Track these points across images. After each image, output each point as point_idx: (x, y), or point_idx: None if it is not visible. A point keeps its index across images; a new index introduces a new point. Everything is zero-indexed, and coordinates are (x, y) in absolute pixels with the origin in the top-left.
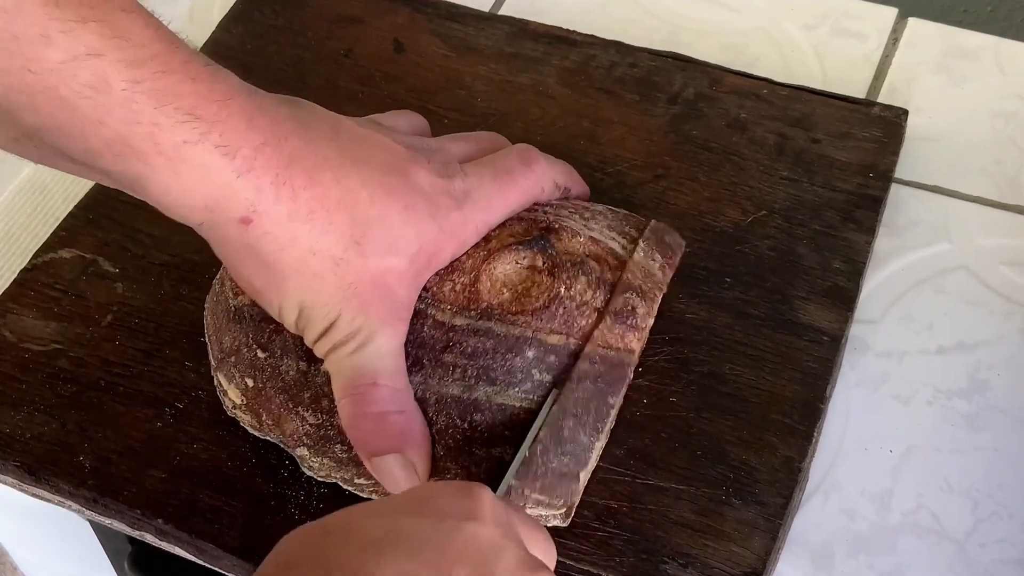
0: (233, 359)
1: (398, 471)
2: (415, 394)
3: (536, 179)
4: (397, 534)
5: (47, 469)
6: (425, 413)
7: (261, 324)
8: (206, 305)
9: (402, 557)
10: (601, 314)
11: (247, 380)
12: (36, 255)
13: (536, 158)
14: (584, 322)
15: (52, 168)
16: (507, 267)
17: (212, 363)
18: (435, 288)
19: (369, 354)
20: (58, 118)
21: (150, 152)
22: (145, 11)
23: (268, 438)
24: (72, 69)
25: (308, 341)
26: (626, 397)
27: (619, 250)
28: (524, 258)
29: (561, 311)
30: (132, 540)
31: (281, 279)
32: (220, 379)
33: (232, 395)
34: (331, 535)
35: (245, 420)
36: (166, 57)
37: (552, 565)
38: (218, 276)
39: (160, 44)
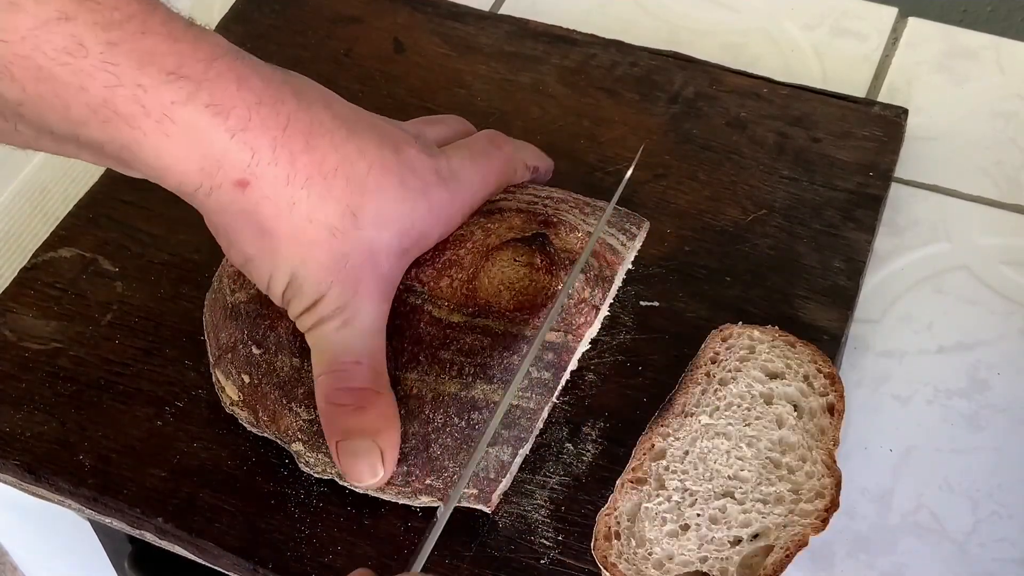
0: (230, 356)
1: (363, 458)
2: (411, 391)
3: (507, 159)
4: None
5: (47, 468)
6: (422, 411)
7: (256, 320)
8: (205, 302)
9: None
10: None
11: (244, 376)
12: (36, 254)
13: (506, 140)
14: (582, 319)
15: (38, 151)
16: (505, 264)
17: (210, 360)
18: (431, 283)
19: (355, 332)
20: (37, 88)
21: (137, 115)
22: None
23: (265, 435)
24: (45, 34)
25: (293, 314)
26: (627, 396)
27: (618, 246)
28: (522, 255)
29: (560, 309)
30: (132, 539)
31: (275, 245)
32: (218, 376)
33: (230, 391)
34: None
35: (242, 416)
36: (143, 18)
37: None
38: (217, 273)
39: (136, 6)
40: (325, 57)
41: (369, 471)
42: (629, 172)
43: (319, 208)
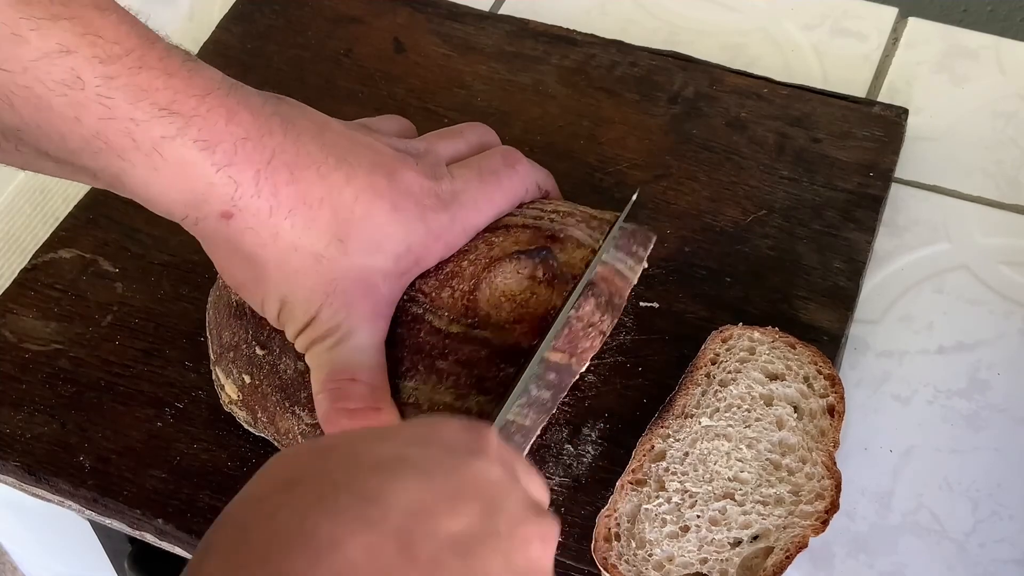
0: (232, 354)
1: None
2: (409, 399)
3: (520, 180)
4: (406, 459)
5: (47, 469)
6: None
7: (261, 321)
8: (209, 299)
9: (412, 482)
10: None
11: (244, 376)
12: (36, 255)
13: (520, 159)
14: (588, 344)
15: (37, 172)
16: (507, 277)
17: (211, 357)
18: (433, 293)
19: (349, 349)
20: (35, 117)
21: (128, 148)
22: (121, 9)
23: (263, 435)
24: (45, 66)
25: (290, 336)
26: (627, 397)
27: (626, 271)
28: (525, 268)
29: (567, 331)
30: (132, 539)
31: (263, 273)
32: (218, 373)
33: (229, 390)
34: (335, 453)
35: (240, 416)
36: (142, 53)
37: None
38: None
39: (135, 40)
40: (325, 57)
41: None
42: (630, 203)
43: (303, 237)
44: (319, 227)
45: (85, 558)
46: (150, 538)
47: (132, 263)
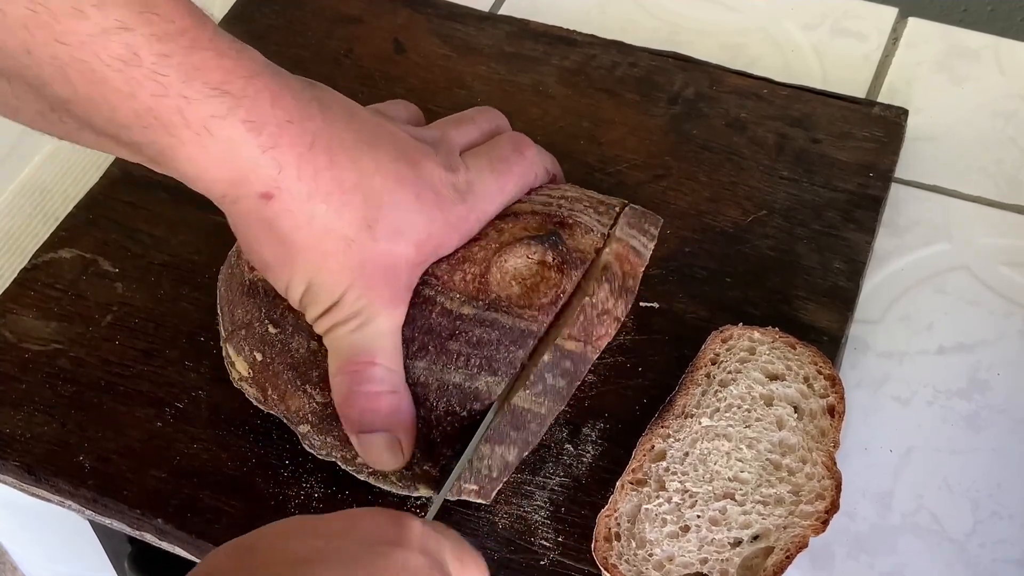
0: (244, 332)
1: (384, 449)
2: (419, 379)
3: (529, 165)
4: (326, 553)
5: (47, 469)
6: (427, 398)
7: (275, 300)
8: (220, 277)
9: (334, 573)
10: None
11: (256, 354)
12: (36, 255)
13: (529, 145)
14: (603, 330)
15: (75, 143)
16: (518, 260)
17: (222, 334)
18: (445, 276)
19: (369, 333)
20: (89, 90)
21: (178, 125)
22: None
23: (272, 412)
24: (103, 42)
25: (310, 318)
26: (627, 397)
27: (641, 249)
28: (535, 252)
29: (582, 318)
30: (132, 540)
31: (293, 255)
32: (229, 351)
33: (240, 367)
34: (256, 552)
35: (250, 393)
36: (195, 33)
37: None
38: (233, 249)
39: (189, 20)
40: (325, 57)
41: (389, 460)
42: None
43: (336, 221)
44: (351, 212)
45: (85, 558)
46: (150, 538)
47: (132, 263)
